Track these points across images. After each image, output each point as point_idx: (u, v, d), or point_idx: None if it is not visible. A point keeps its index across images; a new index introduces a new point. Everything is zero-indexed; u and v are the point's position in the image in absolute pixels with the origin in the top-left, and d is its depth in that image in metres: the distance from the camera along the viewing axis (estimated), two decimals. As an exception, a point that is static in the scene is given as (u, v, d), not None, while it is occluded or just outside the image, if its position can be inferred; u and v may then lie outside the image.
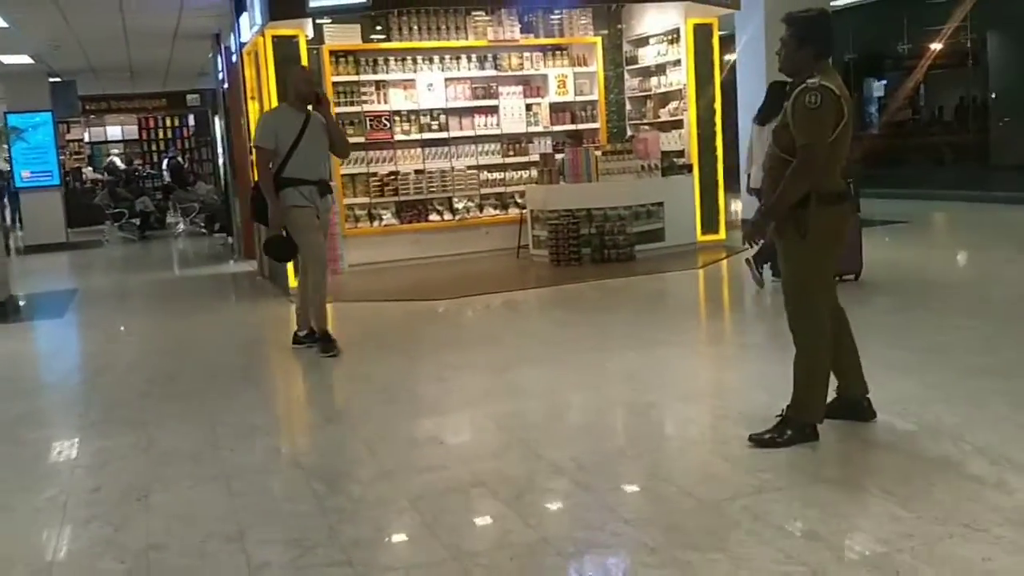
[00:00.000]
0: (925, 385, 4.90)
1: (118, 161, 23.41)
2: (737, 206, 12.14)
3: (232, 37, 11.97)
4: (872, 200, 14.25)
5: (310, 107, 6.52)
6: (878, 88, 19.61)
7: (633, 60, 11.58)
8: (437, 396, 5.52)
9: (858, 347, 4.35)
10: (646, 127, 11.32)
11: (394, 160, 10.87)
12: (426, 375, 5.98)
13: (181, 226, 18.49)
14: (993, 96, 17.84)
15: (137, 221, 17.92)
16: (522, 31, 11.03)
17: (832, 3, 12.90)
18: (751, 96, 11.80)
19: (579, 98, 11.48)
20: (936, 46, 17.15)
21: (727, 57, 12.28)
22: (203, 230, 17.67)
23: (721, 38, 10.99)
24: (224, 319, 9.02)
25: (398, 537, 3.53)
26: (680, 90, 10.81)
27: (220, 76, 14.30)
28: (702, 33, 10.54)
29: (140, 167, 24.02)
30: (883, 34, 18.49)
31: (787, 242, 4.11)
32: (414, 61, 10.88)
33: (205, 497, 4.03)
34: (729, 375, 5.67)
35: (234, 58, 12.00)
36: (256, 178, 6.65)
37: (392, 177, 10.83)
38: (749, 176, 8.43)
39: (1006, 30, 17.24)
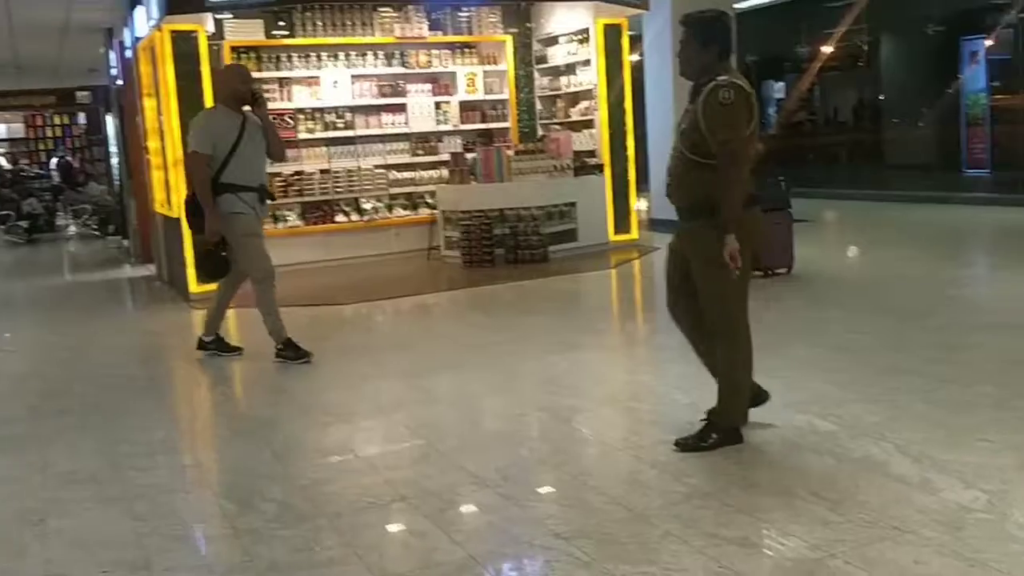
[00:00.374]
0: (842, 384, 4.93)
1: (2, 161, 22.32)
2: (643, 205, 12.18)
3: (126, 32, 11.49)
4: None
5: (246, 108, 6.13)
6: (778, 89, 20.06)
7: (543, 59, 11.53)
8: (350, 405, 5.32)
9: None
10: (557, 127, 11.29)
11: (298, 159, 10.57)
12: (337, 383, 5.78)
13: (72, 228, 17.71)
14: (881, 98, 18.43)
15: (25, 223, 17.10)
16: (430, 28, 10.87)
17: (735, 5, 13.08)
18: (659, 96, 11.95)
19: (489, 97, 11.38)
20: (833, 48, 17.61)
21: (633, 57, 12.34)
22: (96, 232, 16.99)
23: (629, 38, 11.02)
24: (121, 326, 8.60)
25: (318, 559, 3.34)
26: (591, 90, 10.80)
27: (113, 72, 13.73)
28: (612, 33, 10.55)
29: (27, 167, 22.93)
30: (784, 36, 18.91)
31: (706, 251, 4.00)
32: (319, 58, 10.60)
33: (107, 522, 3.77)
34: (648, 377, 5.62)
35: (128, 54, 11.52)
36: (191, 186, 6.18)
37: (296, 177, 10.53)
38: None
39: (898, 33, 17.83)
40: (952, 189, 14.70)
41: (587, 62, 10.78)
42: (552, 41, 11.40)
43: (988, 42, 15.89)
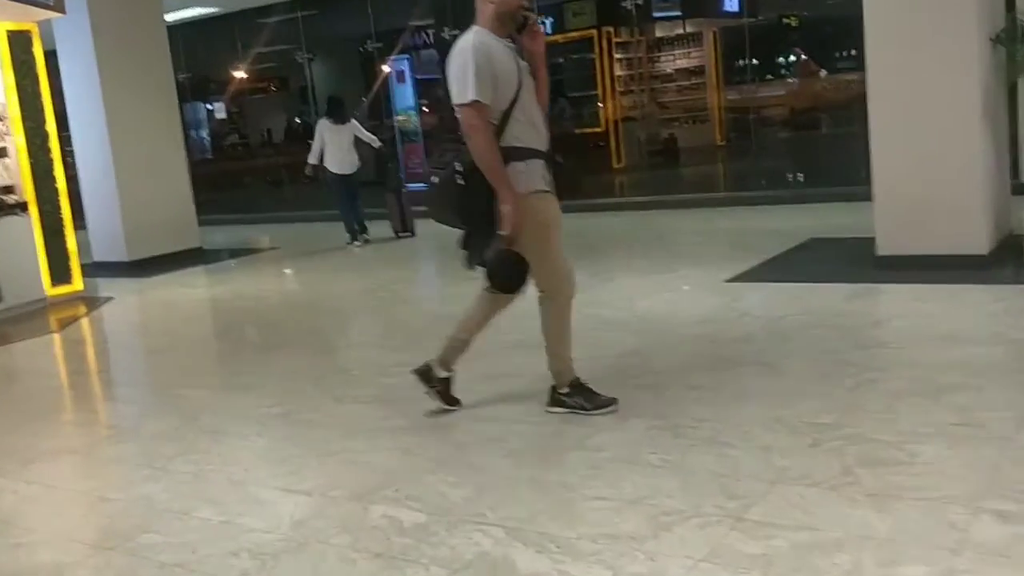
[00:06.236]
0: (406, 452, 4.08)
1: None
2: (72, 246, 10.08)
3: None
4: (217, 228, 13.35)
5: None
6: (217, 110, 18.93)
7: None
8: None
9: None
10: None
11: None
12: None
13: None
14: (298, 120, 18.28)
15: None
16: None
17: (166, 16, 11.77)
18: (86, 117, 10.34)
19: None
20: (269, 67, 17.02)
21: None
22: None
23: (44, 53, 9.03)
24: None
25: None
26: (-2, 111, 8.64)
27: None
28: (20, 41, 8.47)
29: None
30: (219, 53, 17.82)
31: None
32: None
33: None
34: (124, 494, 4.17)
35: None
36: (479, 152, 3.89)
37: None
38: (315, 166, 10.46)
39: (332, 52, 17.82)
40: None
41: (-12, 77, 8.60)
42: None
43: (386, 68, 16.40)
